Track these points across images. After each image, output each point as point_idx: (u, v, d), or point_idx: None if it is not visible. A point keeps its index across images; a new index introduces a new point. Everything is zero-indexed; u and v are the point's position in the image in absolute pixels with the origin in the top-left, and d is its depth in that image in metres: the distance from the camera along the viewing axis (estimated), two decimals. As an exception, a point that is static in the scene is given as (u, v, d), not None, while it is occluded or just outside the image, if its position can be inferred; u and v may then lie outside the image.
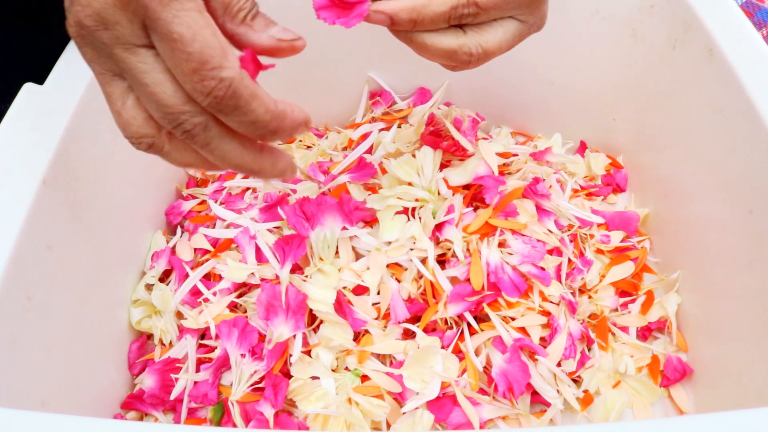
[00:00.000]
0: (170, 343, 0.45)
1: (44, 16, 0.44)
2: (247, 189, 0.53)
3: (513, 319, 0.43)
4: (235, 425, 0.40)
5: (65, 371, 0.37)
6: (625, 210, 0.54)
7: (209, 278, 0.47)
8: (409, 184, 0.45)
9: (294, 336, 0.41)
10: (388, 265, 0.44)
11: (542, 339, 0.43)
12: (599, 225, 0.51)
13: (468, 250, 0.44)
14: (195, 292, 0.46)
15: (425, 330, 0.43)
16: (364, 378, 0.41)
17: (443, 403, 0.40)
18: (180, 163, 0.29)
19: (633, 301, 0.48)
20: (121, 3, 0.23)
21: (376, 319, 0.43)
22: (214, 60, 0.24)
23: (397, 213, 0.44)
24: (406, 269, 0.44)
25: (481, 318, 0.44)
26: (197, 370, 0.42)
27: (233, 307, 0.45)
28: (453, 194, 0.46)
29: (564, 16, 0.51)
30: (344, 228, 0.44)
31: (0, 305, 0.32)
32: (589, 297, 0.47)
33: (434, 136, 0.49)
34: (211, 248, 0.48)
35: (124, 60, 0.25)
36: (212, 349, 0.43)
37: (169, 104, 0.25)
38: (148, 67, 0.25)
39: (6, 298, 0.32)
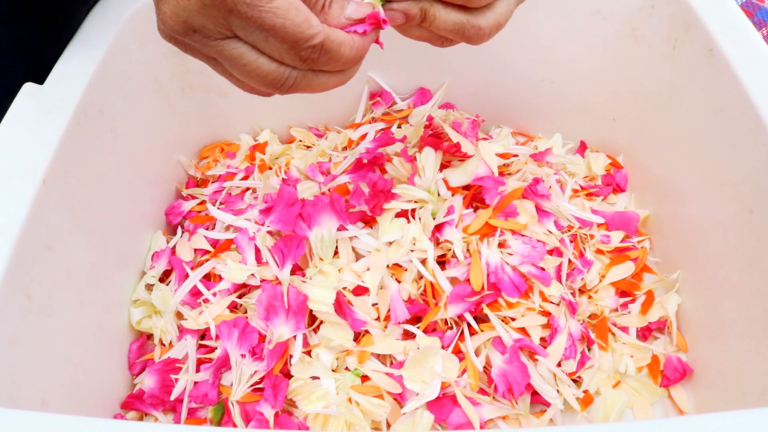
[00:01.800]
0: (170, 343, 0.45)
1: (44, 15, 0.44)
2: (247, 189, 0.53)
3: (513, 319, 0.43)
4: (235, 425, 0.40)
5: (65, 371, 0.37)
6: (625, 210, 0.54)
7: (209, 278, 0.47)
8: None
9: (294, 337, 0.41)
10: (388, 266, 0.44)
11: (542, 339, 0.43)
12: (599, 225, 0.51)
13: (468, 250, 0.44)
14: (195, 293, 0.46)
15: (425, 330, 0.43)
16: (365, 378, 0.41)
17: (443, 404, 0.40)
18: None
19: (633, 301, 0.48)
20: (205, 9, 0.26)
21: (376, 320, 0.43)
22: (304, 34, 0.27)
23: (397, 215, 0.44)
24: (406, 270, 0.44)
25: (482, 318, 0.44)
26: (197, 371, 0.42)
27: (233, 307, 0.45)
28: (452, 195, 0.46)
29: (564, 16, 0.51)
30: (344, 228, 0.44)
31: (0, 305, 0.32)
32: (589, 297, 0.47)
33: (434, 137, 0.49)
34: (211, 249, 0.48)
35: (219, 51, 0.28)
36: (212, 349, 0.43)
37: (269, 73, 0.29)
38: (240, 51, 0.28)
39: (6, 298, 0.32)
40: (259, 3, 0.26)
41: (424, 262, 0.43)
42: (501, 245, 0.45)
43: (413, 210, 0.45)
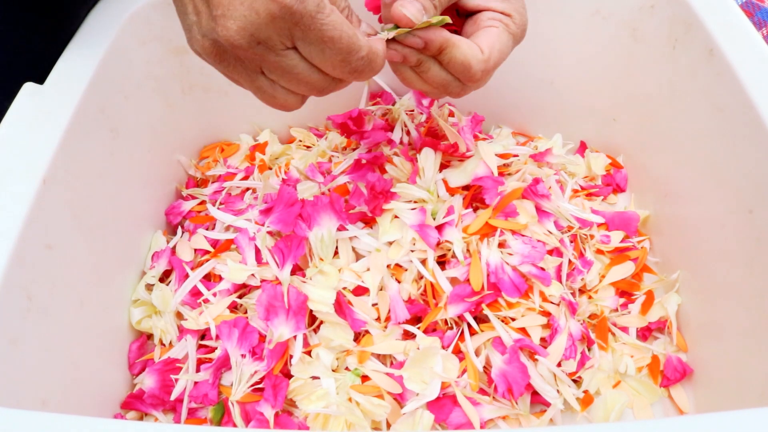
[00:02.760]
0: (170, 343, 0.45)
1: (45, 15, 0.44)
2: (247, 189, 0.53)
3: (513, 319, 0.43)
4: (235, 425, 0.40)
5: (65, 371, 0.37)
6: (625, 210, 0.54)
7: (209, 279, 0.47)
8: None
9: (294, 337, 0.41)
10: (388, 266, 0.44)
11: (542, 339, 0.43)
12: (599, 225, 0.51)
13: (468, 250, 0.44)
14: (195, 293, 0.46)
15: (425, 330, 0.43)
16: (365, 378, 0.41)
17: (443, 404, 0.40)
18: None
19: (633, 301, 0.48)
20: (273, 21, 0.27)
21: (376, 320, 0.43)
22: (355, 46, 0.30)
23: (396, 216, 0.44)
24: (406, 270, 0.44)
25: (482, 318, 0.44)
26: (197, 371, 0.42)
27: (233, 307, 0.45)
28: (452, 196, 0.46)
29: (564, 16, 0.51)
30: (344, 228, 0.44)
31: (0, 305, 0.32)
32: (589, 297, 0.47)
33: (431, 136, 0.49)
34: (211, 249, 0.48)
35: (276, 62, 0.30)
36: (212, 349, 0.43)
37: (317, 82, 0.32)
38: (295, 62, 0.30)
39: (6, 298, 0.32)
40: (322, 16, 0.28)
41: (424, 262, 0.43)
42: (501, 245, 0.45)
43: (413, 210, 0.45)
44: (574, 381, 0.43)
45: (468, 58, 0.34)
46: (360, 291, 0.43)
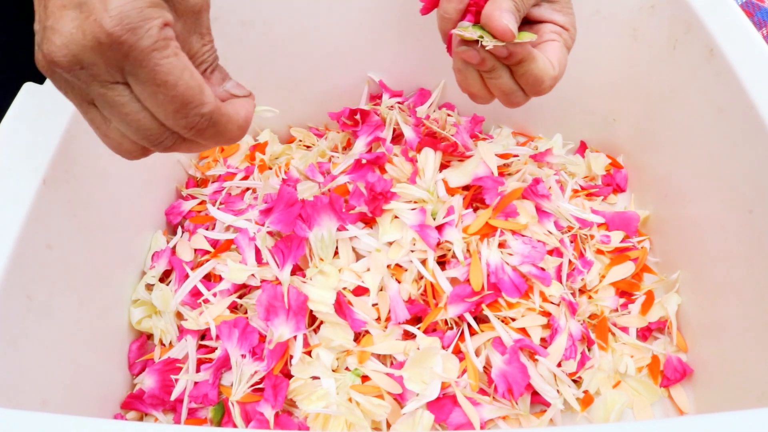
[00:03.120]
0: (170, 343, 0.45)
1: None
2: (247, 189, 0.53)
3: (513, 319, 0.43)
4: (235, 425, 0.40)
5: (65, 371, 0.37)
6: (625, 210, 0.54)
7: (209, 279, 0.47)
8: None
9: (295, 337, 0.41)
10: (388, 266, 0.44)
11: (542, 339, 0.43)
12: (599, 225, 0.51)
13: (468, 250, 0.44)
14: (195, 293, 0.46)
15: (425, 330, 0.43)
16: (365, 378, 0.41)
17: (443, 404, 0.40)
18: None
19: (633, 301, 0.48)
20: (100, 48, 0.24)
21: (376, 320, 0.43)
22: (195, 99, 0.26)
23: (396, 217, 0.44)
24: (406, 270, 0.44)
25: (482, 318, 0.44)
26: (197, 371, 0.42)
27: (234, 307, 0.45)
28: (452, 196, 0.46)
29: (564, 17, 0.51)
30: (343, 228, 0.44)
31: (0, 305, 0.32)
32: (589, 297, 0.47)
33: (430, 137, 0.49)
34: (211, 249, 0.48)
35: (102, 94, 0.26)
36: (212, 349, 0.43)
37: (149, 129, 0.27)
38: (125, 100, 0.26)
39: (6, 298, 0.32)
40: (157, 55, 0.24)
41: (424, 262, 0.43)
42: (501, 245, 0.45)
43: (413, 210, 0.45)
44: (574, 381, 0.43)
45: (543, 73, 0.34)
46: (360, 291, 0.43)
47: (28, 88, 0.40)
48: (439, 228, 0.44)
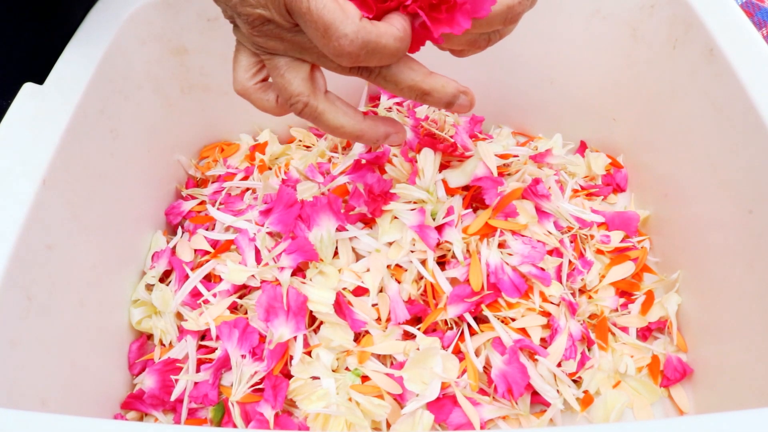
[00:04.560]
0: (170, 343, 0.45)
1: (45, 14, 0.44)
2: (247, 189, 0.53)
3: (513, 319, 0.43)
4: (235, 426, 0.40)
5: (65, 371, 0.37)
6: (625, 210, 0.54)
7: (209, 279, 0.47)
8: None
9: (295, 337, 0.41)
10: (388, 266, 0.44)
11: (542, 340, 0.43)
12: (599, 225, 0.51)
13: (468, 251, 0.44)
14: (195, 294, 0.46)
15: (425, 331, 0.43)
16: (365, 378, 0.41)
17: (443, 404, 0.40)
18: (331, 124, 0.34)
19: (633, 301, 0.48)
20: (274, 4, 0.29)
21: (376, 320, 0.43)
22: (340, 25, 0.28)
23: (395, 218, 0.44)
24: (406, 270, 0.44)
25: (482, 319, 0.44)
26: (197, 371, 0.42)
27: (234, 307, 0.45)
28: (451, 196, 0.46)
29: (564, 16, 0.51)
30: (343, 228, 0.44)
31: (0, 305, 0.32)
32: (589, 297, 0.47)
33: (429, 137, 0.49)
34: (211, 249, 0.48)
35: (294, 40, 0.31)
36: (212, 350, 0.43)
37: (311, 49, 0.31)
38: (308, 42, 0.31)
39: (6, 298, 0.32)
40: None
41: (424, 262, 0.43)
42: (501, 246, 0.45)
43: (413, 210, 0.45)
44: (574, 381, 0.43)
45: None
46: (360, 291, 0.43)
47: (28, 88, 0.40)
48: (439, 228, 0.44)
